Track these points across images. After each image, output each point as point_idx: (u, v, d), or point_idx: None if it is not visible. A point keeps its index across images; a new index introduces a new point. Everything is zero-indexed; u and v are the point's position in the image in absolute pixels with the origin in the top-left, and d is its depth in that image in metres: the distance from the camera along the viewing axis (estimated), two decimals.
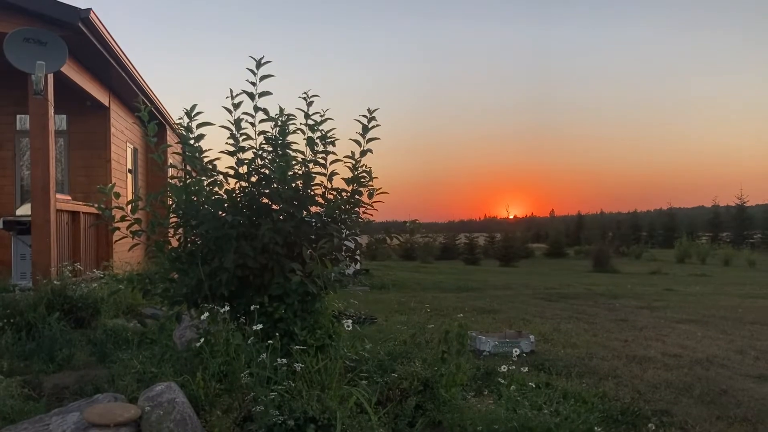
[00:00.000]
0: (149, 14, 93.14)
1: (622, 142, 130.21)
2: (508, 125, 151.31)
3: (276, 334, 4.10)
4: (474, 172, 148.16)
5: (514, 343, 6.10)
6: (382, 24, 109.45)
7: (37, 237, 7.26)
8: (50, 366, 5.11)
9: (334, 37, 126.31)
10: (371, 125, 4.93)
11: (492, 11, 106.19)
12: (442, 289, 13.61)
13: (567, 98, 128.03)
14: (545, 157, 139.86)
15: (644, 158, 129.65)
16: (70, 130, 10.59)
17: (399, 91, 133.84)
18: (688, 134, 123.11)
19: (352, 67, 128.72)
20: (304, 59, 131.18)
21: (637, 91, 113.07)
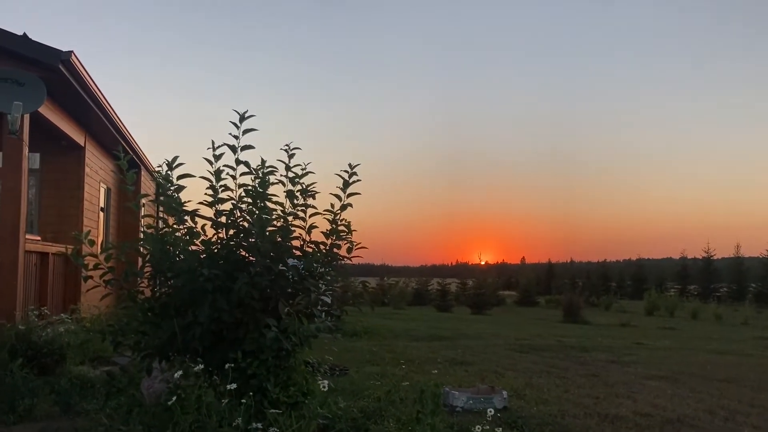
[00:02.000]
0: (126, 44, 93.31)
1: (593, 192, 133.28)
2: (481, 172, 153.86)
3: (249, 391, 4.03)
4: (446, 217, 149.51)
5: (488, 400, 6.07)
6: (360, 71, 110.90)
7: (3, 278, 7.08)
8: (11, 417, 4.94)
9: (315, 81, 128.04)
10: (352, 180, 4.96)
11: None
12: (415, 337, 13.53)
13: (538, 147, 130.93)
14: (516, 204, 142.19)
15: (614, 208, 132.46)
16: (43, 169, 10.45)
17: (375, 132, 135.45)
18: (656, 186, 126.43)
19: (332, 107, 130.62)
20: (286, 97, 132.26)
21: (608, 142, 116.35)
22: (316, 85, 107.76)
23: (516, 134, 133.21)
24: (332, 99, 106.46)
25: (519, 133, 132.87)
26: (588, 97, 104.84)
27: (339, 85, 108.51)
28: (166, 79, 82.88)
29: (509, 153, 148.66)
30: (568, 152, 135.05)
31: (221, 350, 4.44)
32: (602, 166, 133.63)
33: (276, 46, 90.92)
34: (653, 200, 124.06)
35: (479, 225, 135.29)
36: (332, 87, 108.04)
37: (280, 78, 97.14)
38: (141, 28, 69.48)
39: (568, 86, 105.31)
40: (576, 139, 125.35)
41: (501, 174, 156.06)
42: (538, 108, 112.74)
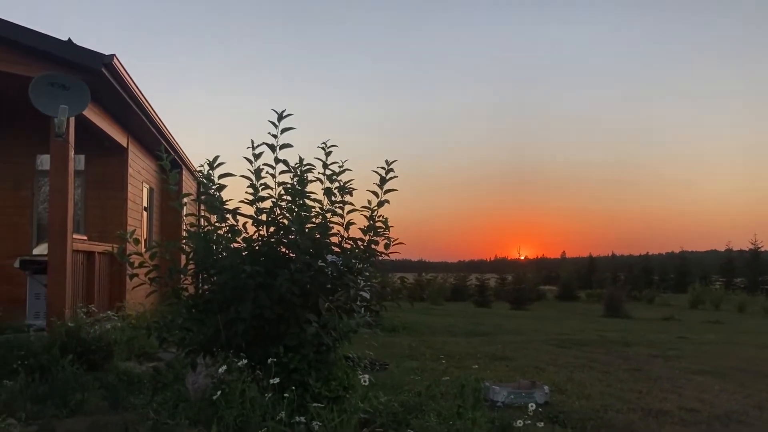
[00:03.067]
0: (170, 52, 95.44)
1: (635, 184, 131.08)
2: (520, 165, 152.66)
3: (291, 385, 4.09)
4: (485, 212, 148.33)
5: (529, 395, 6.04)
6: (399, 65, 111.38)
7: (53, 278, 7.29)
8: (63, 411, 5.09)
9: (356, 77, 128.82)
10: (389, 177, 4.99)
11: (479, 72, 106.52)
12: (453, 333, 13.51)
13: (578, 140, 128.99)
14: (556, 198, 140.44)
15: (656, 200, 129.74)
16: (88, 170, 10.72)
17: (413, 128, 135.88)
18: (700, 177, 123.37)
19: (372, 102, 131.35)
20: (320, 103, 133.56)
21: (651, 132, 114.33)
22: (357, 81, 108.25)
23: (555, 127, 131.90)
24: (369, 94, 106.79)
25: (558, 126, 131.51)
26: (627, 88, 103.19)
27: (376, 80, 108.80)
28: (204, 79, 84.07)
29: (548, 146, 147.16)
30: (608, 144, 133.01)
31: (263, 345, 4.52)
32: (644, 157, 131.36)
33: (318, 42, 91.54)
34: (697, 191, 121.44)
35: (518, 219, 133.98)
36: (369, 82, 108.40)
37: (320, 74, 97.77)
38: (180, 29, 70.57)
39: (608, 79, 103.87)
40: (616, 130, 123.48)
41: (541, 168, 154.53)
42: (576, 101, 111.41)
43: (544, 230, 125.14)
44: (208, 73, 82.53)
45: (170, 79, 66.75)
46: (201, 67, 78.31)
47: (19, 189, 10.42)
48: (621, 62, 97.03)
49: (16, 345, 6.34)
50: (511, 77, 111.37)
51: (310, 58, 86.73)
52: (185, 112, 79.62)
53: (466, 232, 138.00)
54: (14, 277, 9.59)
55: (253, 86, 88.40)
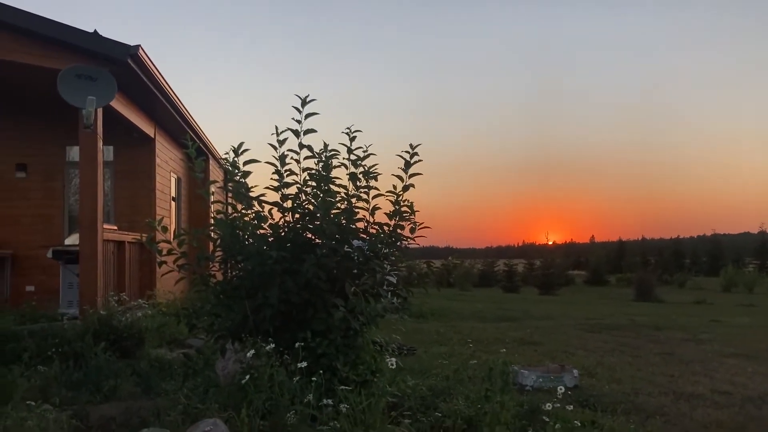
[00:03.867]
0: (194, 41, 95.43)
1: (664, 166, 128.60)
2: (546, 149, 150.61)
3: (319, 369, 4.11)
4: (512, 198, 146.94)
5: (558, 378, 6.01)
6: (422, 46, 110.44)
7: (84, 267, 7.42)
8: (97, 396, 5.18)
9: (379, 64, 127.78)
10: (413, 160, 4.96)
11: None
12: (481, 318, 13.48)
13: (607, 122, 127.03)
14: (585, 182, 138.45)
15: (687, 183, 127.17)
16: (117, 161, 10.86)
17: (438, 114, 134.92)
18: (733, 157, 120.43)
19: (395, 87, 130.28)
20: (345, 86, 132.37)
21: (680, 114, 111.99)
22: (383, 66, 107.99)
23: (585, 111, 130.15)
24: (395, 78, 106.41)
25: (588, 109, 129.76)
26: (657, 68, 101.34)
27: (402, 64, 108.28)
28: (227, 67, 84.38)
29: (578, 130, 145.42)
30: (638, 126, 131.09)
31: (291, 330, 4.54)
32: (675, 139, 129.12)
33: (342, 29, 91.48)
34: (729, 173, 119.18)
35: (546, 204, 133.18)
36: (396, 66, 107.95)
37: (345, 60, 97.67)
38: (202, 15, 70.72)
39: (638, 59, 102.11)
40: (647, 111, 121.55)
41: (569, 152, 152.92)
42: (608, 86, 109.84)
43: (572, 215, 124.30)
44: (231, 61, 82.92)
45: (194, 67, 67.23)
46: (224, 54, 78.67)
47: (50, 180, 10.60)
48: (650, 42, 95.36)
49: (50, 333, 6.45)
50: (540, 59, 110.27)
51: (334, 45, 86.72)
52: (210, 100, 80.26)
53: (493, 218, 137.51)
54: (48, 268, 9.79)
55: (276, 73, 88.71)
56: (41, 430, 3.87)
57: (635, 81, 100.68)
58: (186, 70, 66.31)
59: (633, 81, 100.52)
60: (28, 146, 10.56)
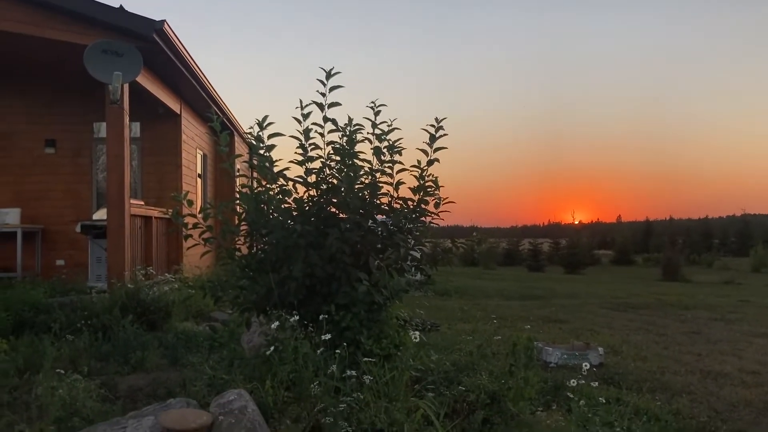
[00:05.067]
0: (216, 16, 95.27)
1: (694, 145, 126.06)
2: (572, 127, 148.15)
3: (343, 343, 4.13)
4: (537, 175, 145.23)
5: (582, 356, 5.97)
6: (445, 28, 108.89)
7: (112, 241, 7.52)
8: (124, 368, 5.28)
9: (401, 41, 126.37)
10: (438, 135, 4.91)
11: None
12: (506, 296, 13.44)
13: (634, 99, 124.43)
14: (612, 161, 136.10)
15: (716, 162, 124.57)
16: (143, 136, 10.94)
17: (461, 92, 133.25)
18: (764, 136, 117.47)
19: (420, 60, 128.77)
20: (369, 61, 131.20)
21: (708, 91, 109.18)
22: (407, 40, 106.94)
23: (610, 87, 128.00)
24: (421, 53, 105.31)
25: (614, 85, 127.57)
26: (689, 47, 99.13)
27: (428, 41, 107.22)
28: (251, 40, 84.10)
29: (603, 107, 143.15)
30: (666, 103, 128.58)
31: (315, 303, 4.56)
32: (704, 118, 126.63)
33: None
34: (759, 152, 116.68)
35: (572, 183, 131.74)
36: (421, 41, 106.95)
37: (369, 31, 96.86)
38: None
39: (669, 37, 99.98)
40: (675, 88, 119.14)
41: (595, 129, 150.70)
42: (633, 60, 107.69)
43: (599, 194, 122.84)
44: (254, 34, 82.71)
45: (217, 41, 67.21)
46: (247, 27, 78.51)
47: (79, 156, 10.72)
48: (678, 15, 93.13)
49: (79, 306, 6.58)
50: (566, 29, 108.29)
51: (360, 17, 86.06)
52: (234, 75, 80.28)
53: (519, 198, 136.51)
54: (76, 242, 9.95)
55: (299, 46, 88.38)
56: (71, 398, 3.94)
57: (665, 54, 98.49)
58: (209, 44, 66.17)
59: (662, 54, 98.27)
60: (57, 122, 10.68)
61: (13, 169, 10.56)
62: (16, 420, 3.69)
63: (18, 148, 10.59)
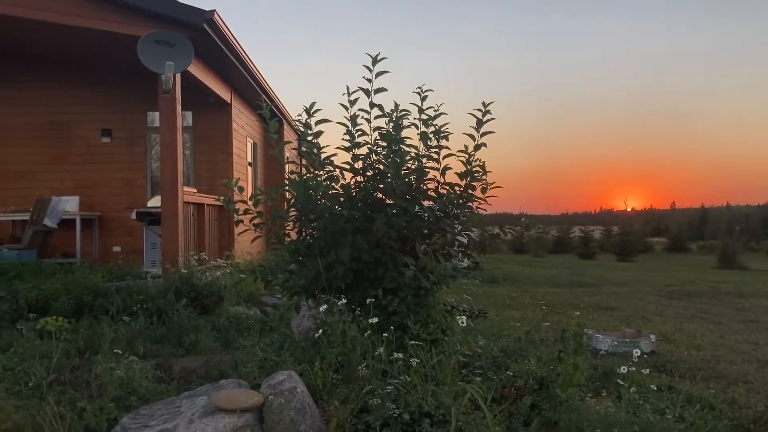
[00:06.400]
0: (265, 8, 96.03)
1: (751, 128, 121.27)
2: (625, 112, 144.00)
3: (390, 327, 4.17)
4: (589, 162, 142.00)
5: (634, 343, 5.87)
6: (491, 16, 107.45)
7: (166, 228, 7.71)
8: (178, 350, 5.43)
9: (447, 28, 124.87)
10: (486, 119, 4.87)
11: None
12: (556, 284, 13.29)
13: (688, 84, 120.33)
14: (666, 146, 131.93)
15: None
16: (195, 125, 11.17)
17: (509, 80, 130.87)
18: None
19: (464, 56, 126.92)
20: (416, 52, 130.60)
21: (764, 73, 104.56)
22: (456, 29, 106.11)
23: (666, 72, 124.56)
24: (467, 40, 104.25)
25: (669, 70, 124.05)
26: (747, 28, 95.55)
27: (474, 28, 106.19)
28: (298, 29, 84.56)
29: (659, 92, 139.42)
30: (725, 89, 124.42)
31: (362, 288, 4.60)
32: (761, 100, 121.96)
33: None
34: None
35: (625, 170, 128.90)
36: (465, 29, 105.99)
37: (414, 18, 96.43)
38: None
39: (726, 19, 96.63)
40: (727, 72, 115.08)
41: (649, 115, 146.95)
42: (691, 43, 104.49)
43: (652, 180, 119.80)
44: (301, 21, 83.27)
45: (264, 30, 67.81)
46: (294, 15, 79.10)
47: (133, 145, 11.02)
48: None
49: (135, 290, 6.78)
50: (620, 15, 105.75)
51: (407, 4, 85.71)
52: (281, 63, 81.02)
53: (570, 185, 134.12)
54: (132, 229, 10.25)
55: (346, 34, 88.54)
56: (128, 378, 4.09)
57: (715, 38, 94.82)
58: (257, 32, 66.84)
59: (712, 38, 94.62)
60: (112, 112, 10.99)
61: (72, 159, 10.93)
62: (78, 397, 3.84)
63: (76, 137, 10.96)
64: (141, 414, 3.50)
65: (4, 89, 10.96)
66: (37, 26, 8.11)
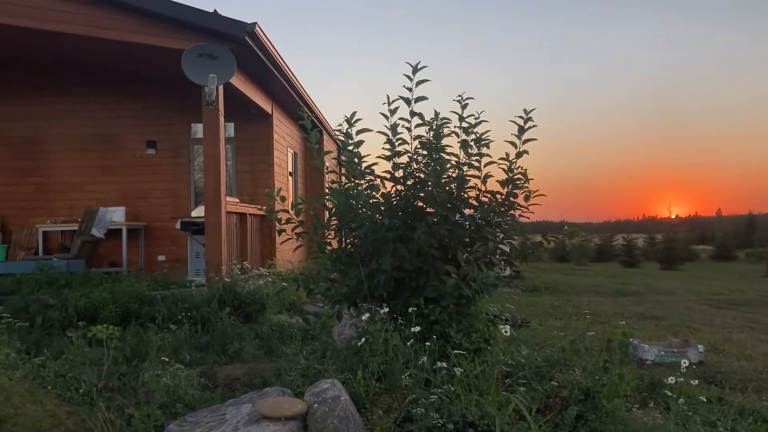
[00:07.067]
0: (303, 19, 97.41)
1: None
2: (668, 119, 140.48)
3: (432, 336, 4.15)
4: (631, 169, 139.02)
5: (681, 353, 5.75)
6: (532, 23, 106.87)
7: (209, 237, 7.83)
8: (222, 358, 5.49)
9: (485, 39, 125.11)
10: (527, 126, 4.84)
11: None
12: (599, 292, 13.08)
13: (736, 89, 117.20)
14: (711, 152, 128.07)
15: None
16: (237, 136, 11.33)
17: (550, 87, 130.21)
18: None
19: (502, 66, 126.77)
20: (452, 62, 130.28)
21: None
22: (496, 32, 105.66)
23: (712, 75, 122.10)
24: (510, 47, 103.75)
25: (715, 74, 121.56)
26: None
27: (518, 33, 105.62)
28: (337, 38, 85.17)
29: (703, 98, 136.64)
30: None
31: (404, 296, 4.60)
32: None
33: None
34: None
35: (669, 177, 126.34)
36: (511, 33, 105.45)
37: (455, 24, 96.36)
38: None
39: None
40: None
41: (693, 120, 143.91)
42: (734, 49, 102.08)
43: (697, 187, 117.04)
44: (341, 33, 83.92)
45: (303, 40, 68.59)
46: (333, 26, 79.79)
47: (177, 156, 11.23)
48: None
49: (180, 298, 6.90)
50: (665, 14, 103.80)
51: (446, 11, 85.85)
52: (320, 72, 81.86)
53: (612, 192, 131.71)
54: (176, 238, 10.45)
55: (384, 42, 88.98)
56: (174, 385, 4.15)
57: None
58: (295, 43, 67.68)
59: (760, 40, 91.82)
60: (157, 124, 11.23)
61: (119, 170, 11.19)
62: (126, 404, 3.92)
63: (123, 149, 11.22)
64: (187, 421, 3.56)
65: (57, 104, 11.30)
66: (87, 42, 8.35)
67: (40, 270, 8.12)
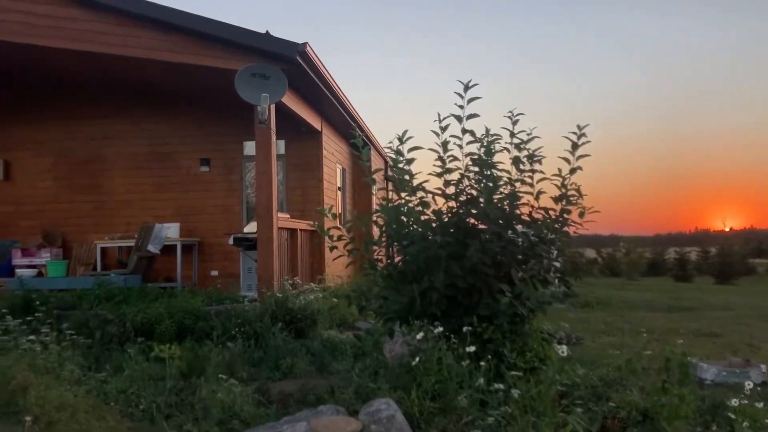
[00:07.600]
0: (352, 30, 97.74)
1: None
2: (723, 125, 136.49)
3: (486, 355, 4.13)
4: (683, 180, 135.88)
5: (743, 373, 5.56)
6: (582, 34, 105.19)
7: (261, 253, 7.95)
8: (275, 373, 5.56)
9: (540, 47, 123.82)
10: (581, 142, 4.80)
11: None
12: (652, 308, 12.76)
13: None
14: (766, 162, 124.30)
15: None
16: (288, 153, 11.49)
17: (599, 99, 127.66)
18: None
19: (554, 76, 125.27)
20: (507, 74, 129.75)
21: None
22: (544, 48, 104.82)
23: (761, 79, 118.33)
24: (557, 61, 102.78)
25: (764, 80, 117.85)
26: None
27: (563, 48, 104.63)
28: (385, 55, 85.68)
29: (754, 104, 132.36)
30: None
31: (457, 315, 4.59)
32: None
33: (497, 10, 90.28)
34: None
35: (722, 187, 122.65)
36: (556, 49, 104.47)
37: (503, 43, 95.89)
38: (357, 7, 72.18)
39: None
40: None
41: (747, 129, 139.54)
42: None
43: (751, 198, 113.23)
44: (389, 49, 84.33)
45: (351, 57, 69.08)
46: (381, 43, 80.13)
47: (230, 173, 11.45)
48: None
49: (233, 314, 7.00)
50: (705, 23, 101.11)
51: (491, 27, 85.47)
52: (367, 90, 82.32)
53: (662, 204, 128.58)
54: (229, 254, 10.62)
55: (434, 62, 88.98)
56: (230, 401, 4.22)
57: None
58: (343, 59, 68.39)
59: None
60: (210, 142, 11.48)
61: (174, 187, 11.46)
62: (184, 420, 4.00)
63: (178, 167, 11.50)
64: None
65: (116, 124, 11.68)
66: (148, 64, 8.61)
67: (99, 285, 8.34)
